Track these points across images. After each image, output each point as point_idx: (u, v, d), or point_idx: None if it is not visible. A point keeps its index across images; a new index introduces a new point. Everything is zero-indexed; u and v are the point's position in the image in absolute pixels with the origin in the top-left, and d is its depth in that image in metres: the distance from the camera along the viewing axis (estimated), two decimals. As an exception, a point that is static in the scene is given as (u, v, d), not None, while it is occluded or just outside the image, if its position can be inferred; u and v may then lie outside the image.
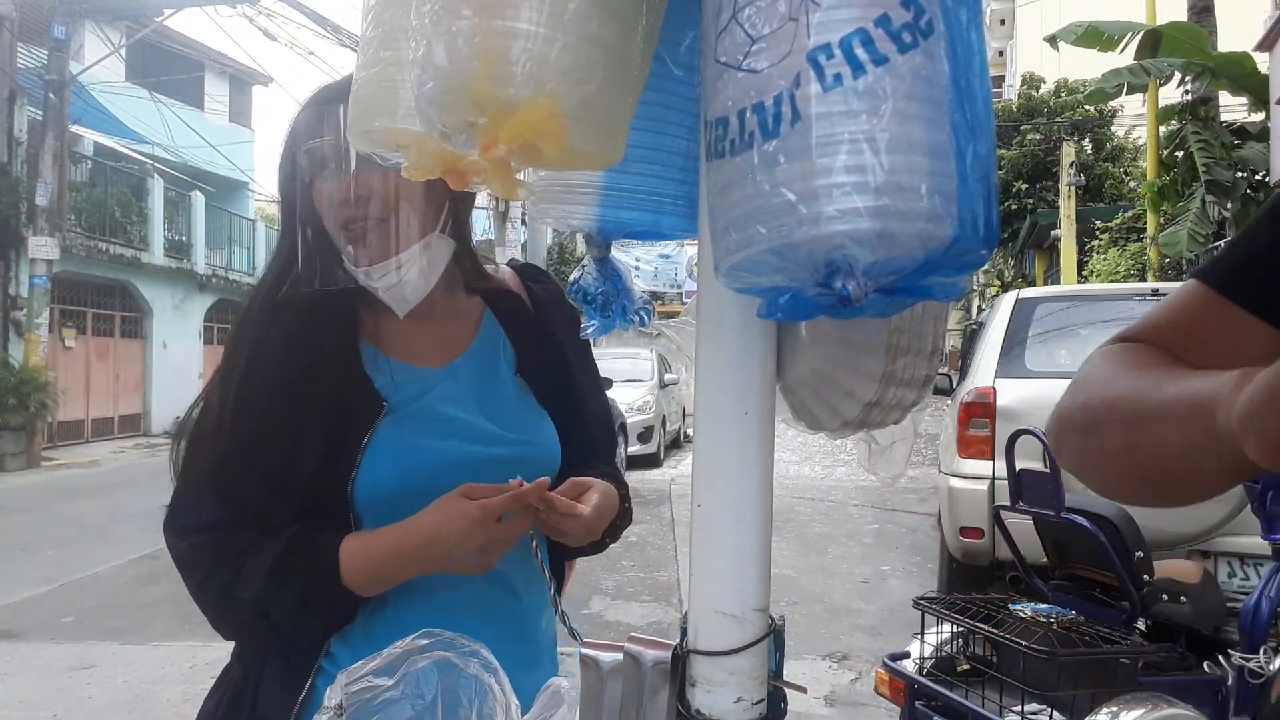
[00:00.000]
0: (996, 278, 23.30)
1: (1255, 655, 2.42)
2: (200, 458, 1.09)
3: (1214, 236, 9.88)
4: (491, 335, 1.21)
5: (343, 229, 1.07)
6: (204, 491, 1.07)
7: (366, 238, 1.07)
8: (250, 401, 1.07)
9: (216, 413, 1.09)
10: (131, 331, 17.22)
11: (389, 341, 1.14)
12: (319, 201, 1.09)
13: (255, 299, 1.16)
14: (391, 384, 1.11)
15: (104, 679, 4.46)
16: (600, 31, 0.64)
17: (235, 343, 1.15)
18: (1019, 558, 3.00)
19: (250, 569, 1.02)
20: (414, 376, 1.13)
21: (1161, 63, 10.25)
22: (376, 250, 1.07)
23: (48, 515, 9.00)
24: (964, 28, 0.62)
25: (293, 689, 1.05)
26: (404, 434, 1.08)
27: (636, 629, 3.51)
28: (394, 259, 1.07)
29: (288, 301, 1.11)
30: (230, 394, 1.08)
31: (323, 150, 1.06)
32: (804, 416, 0.88)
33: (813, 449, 12.42)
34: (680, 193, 0.90)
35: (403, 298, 1.09)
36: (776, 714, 0.80)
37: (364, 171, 1.04)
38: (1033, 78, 21.76)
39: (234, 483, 1.06)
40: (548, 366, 1.22)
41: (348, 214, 1.06)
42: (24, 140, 13.51)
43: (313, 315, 1.10)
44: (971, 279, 0.84)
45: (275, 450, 1.06)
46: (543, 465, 1.13)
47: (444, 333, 1.18)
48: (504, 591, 1.13)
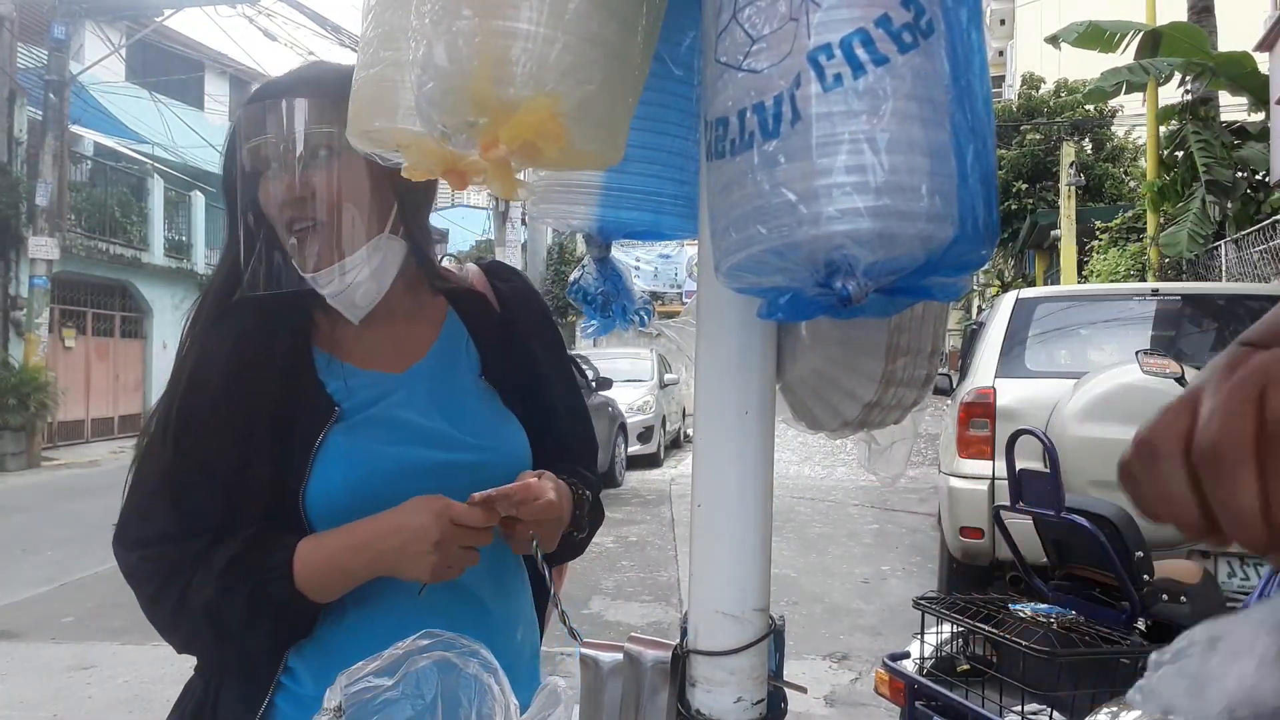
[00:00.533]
0: (996, 278, 23.30)
1: (1255, 655, 2.42)
2: (149, 467, 1.06)
3: (1214, 236, 9.88)
4: (454, 337, 1.17)
5: (285, 231, 1.04)
6: (153, 502, 1.04)
7: (309, 241, 1.03)
8: (195, 409, 1.04)
9: (163, 420, 1.05)
10: (131, 331, 17.22)
11: (346, 346, 1.11)
12: (264, 201, 1.05)
13: (204, 303, 1.12)
14: (345, 389, 1.07)
15: (104, 679, 4.46)
16: (600, 31, 0.64)
17: (183, 349, 1.11)
18: (1019, 558, 3.00)
19: (202, 575, 0.99)
20: (371, 381, 1.09)
21: (1161, 62, 10.25)
22: (321, 254, 1.03)
23: (48, 515, 9.00)
24: (964, 28, 0.62)
25: (252, 706, 1.03)
26: (357, 440, 1.05)
27: (636, 629, 3.51)
28: (338, 264, 1.03)
29: (236, 304, 1.08)
30: (175, 401, 1.05)
31: (265, 148, 1.02)
32: (804, 416, 0.89)
33: (813, 449, 12.42)
34: (680, 193, 0.90)
35: (352, 302, 1.06)
36: (776, 714, 0.80)
37: (305, 170, 1.01)
38: (1033, 78, 21.75)
39: (183, 492, 1.02)
40: (514, 367, 1.18)
41: (290, 215, 1.03)
42: (24, 140, 13.51)
43: (262, 320, 1.07)
44: (971, 279, 0.84)
45: (224, 458, 1.02)
46: (507, 470, 1.08)
47: (404, 335, 1.14)
48: (468, 605, 1.09)
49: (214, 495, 1.02)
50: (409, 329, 1.15)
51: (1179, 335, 4.96)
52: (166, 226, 17.98)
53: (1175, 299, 5.05)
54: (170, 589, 1.00)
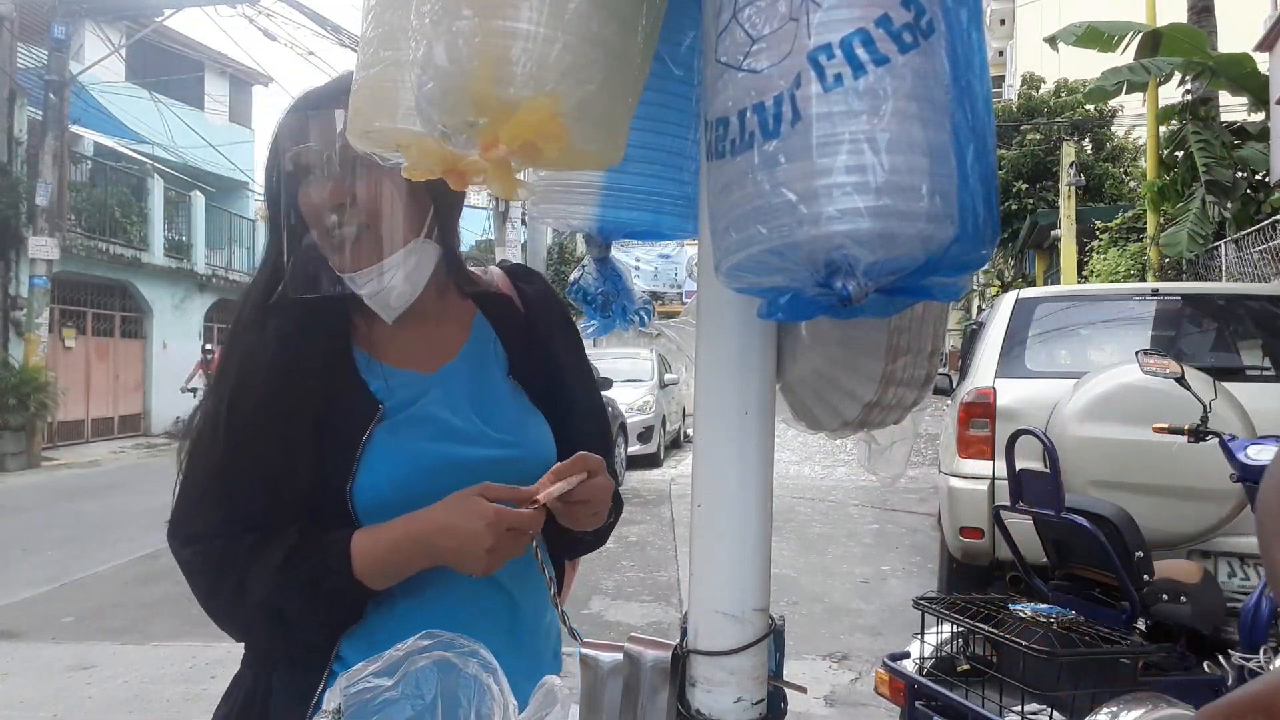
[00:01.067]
0: (996, 278, 23.29)
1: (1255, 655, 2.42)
2: (199, 465, 1.10)
3: (1214, 236, 9.88)
4: (483, 338, 1.22)
5: (326, 235, 1.08)
6: (205, 498, 1.08)
7: (350, 243, 1.07)
8: (243, 407, 1.08)
9: (212, 419, 1.09)
10: (131, 331, 17.21)
11: (381, 346, 1.15)
12: (305, 206, 1.09)
13: (246, 304, 1.16)
14: (386, 388, 1.12)
15: (104, 679, 4.46)
16: (600, 31, 0.64)
17: (228, 349, 1.16)
18: (1019, 558, 3.00)
19: (260, 568, 1.03)
20: (407, 380, 1.14)
21: (1162, 62, 10.24)
22: (360, 256, 1.07)
23: (48, 515, 9.00)
24: (964, 28, 0.62)
25: (304, 696, 1.05)
26: (400, 438, 1.09)
27: (636, 629, 3.51)
28: (377, 265, 1.07)
29: (279, 307, 1.12)
30: (224, 401, 1.09)
31: (307, 155, 1.07)
32: (804, 416, 0.89)
33: (813, 449, 12.42)
34: (680, 193, 0.90)
35: (388, 304, 1.10)
36: (776, 714, 0.80)
37: (347, 177, 1.05)
38: (1033, 78, 21.75)
39: (234, 488, 1.06)
40: (539, 367, 1.23)
41: (331, 220, 1.07)
42: (24, 140, 13.51)
43: (304, 320, 1.11)
44: (971, 279, 0.84)
45: (272, 455, 1.06)
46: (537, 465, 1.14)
47: (436, 337, 1.19)
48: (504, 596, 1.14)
49: (264, 491, 1.06)
50: (439, 330, 1.19)
51: (1179, 335, 4.96)
52: (166, 226, 17.97)
53: (1175, 299, 5.05)
54: (226, 581, 1.04)
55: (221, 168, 19.99)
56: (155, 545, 7.04)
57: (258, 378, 1.09)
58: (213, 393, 1.12)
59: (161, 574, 6.22)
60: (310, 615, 1.04)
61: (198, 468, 1.10)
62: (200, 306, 19.04)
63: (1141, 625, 2.58)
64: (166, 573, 6.41)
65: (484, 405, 1.16)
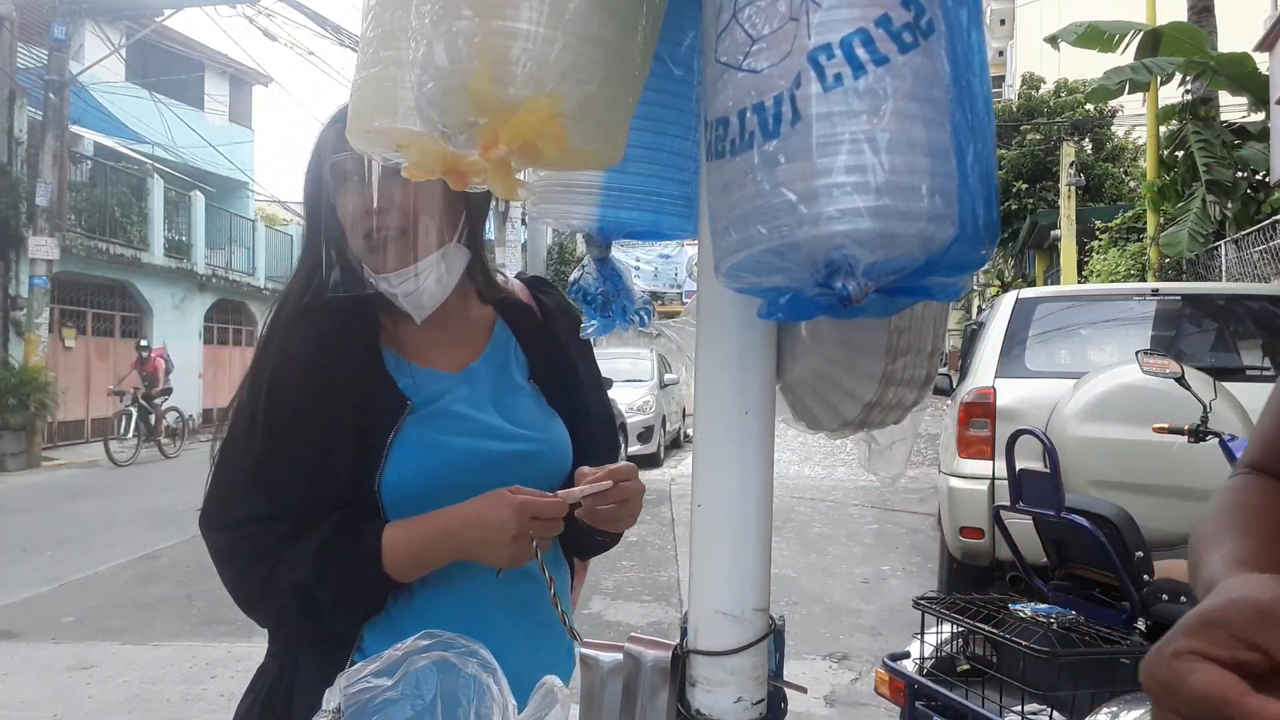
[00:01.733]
0: (996, 278, 23.29)
1: (1255, 655, 2.41)
2: (235, 456, 1.14)
3: (1214, 236, 9.88)
4: (504, 342, 1.28)
5: (365, 238, 1.14)
6: (240, 487, 1.13)
7: (387, 246, 1.13)
8: (281, 400, 1.13)
9: (249, 412, 1.14)
10: (132, 331, 17.20)
11: (408, 346, 1.20)
12: (343, 212, 1.15)
13: (284, 303, 1.22)
14: (414, 385, 1.17)
15: (104, 679, 4.46)
16: (600, 31, 0.64)
17: (265, 345, 1.20)
18: (1019, 558, 3.00)
19: (293, 555, 1.07)
20: (433, 378, 1.19)
21: (1162, 62, 10.24)
22: (396, 258, 1.13)
23: (48, 515, 8.99)
24: (964, 27, 0.62)
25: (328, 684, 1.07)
26: (426, 432, 1.14)
27: (636, 629, 3.51)
28: (412, 267, 1.14)
29: (314, 306, 1.17)
30: (261, 394, 1.14)
31: (346, 164, 1.13)
32: (804, 416, 0.88)
33: (813, 449, 12.41)
34: (680, 193, 0.90)
35: (420, 304, 1.16)
36: (776, 714, 0.80)
37: (386, 184, 1.10)
38: (1033, 78, 21.74)
39: (270, 478, 1.11)
40: (556, 373, 1.29)
41: (370, 224, 1.13)
42: (24, 140, 13.51)
43: (338, 319, 1.16)
44: (971, 279, 0.84)
45: (308, 447, 1.11)
46: (557, 461, 1.22)
47: (459, 338, 1.24)
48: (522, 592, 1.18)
49: (299, 483, 1.10)
50: (462, 332, 1.25)
51: (1179, 335, 4.96)
52: (166, 226, 17.98)
53: (1175, 299, 5.05)
54: (258, 567, 1.08)
55: (221, 168, 20.00)
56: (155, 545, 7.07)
57: (295, 372, 1.14)
58: (249, 386, 1.17)
59: (161, 574, 6.23)
60: (341, 603, 1.08)
61: (232, 460, 1.15)
62: (200, 306, 19.04)
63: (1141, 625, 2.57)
64: (166, 573, 6.42)
65: (505, 404, 1.22)
